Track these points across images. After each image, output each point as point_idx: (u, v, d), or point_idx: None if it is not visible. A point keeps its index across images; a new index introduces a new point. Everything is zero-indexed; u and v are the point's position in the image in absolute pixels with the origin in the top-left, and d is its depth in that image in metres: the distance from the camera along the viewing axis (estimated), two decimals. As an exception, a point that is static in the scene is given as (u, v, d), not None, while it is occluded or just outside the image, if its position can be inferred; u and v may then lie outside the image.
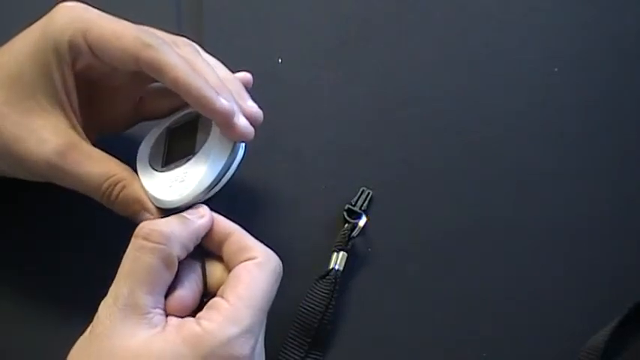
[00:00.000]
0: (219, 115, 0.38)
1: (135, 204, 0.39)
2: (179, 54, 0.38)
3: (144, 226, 0.36)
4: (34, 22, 0.39)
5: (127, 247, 0.35)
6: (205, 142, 0.39)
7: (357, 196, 0.47)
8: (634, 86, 0.54)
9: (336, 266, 0.44)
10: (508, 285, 0.46)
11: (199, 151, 0.39)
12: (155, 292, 0.35)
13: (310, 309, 0.43)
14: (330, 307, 0.43)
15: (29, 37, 0.39)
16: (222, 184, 0.39)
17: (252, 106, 0.41)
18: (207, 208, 0.38)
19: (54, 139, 0.38)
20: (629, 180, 0.50)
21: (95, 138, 0.41)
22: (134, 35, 0.37)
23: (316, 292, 0.44)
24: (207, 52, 0.43)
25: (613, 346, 0.44)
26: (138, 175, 0.40)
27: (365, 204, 0.47)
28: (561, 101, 0.53)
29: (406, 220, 0.48)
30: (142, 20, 0.40)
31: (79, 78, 0.39)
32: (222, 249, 0.38)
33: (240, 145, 0.40)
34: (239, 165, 0.40)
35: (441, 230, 0.48)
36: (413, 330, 0.45)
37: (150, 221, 0.36)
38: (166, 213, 0.38)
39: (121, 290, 0.34)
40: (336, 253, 0.45)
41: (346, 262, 0.45)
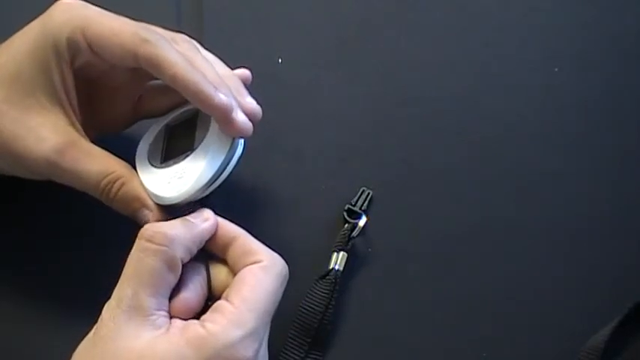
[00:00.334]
0: (217, 111, 0.38)
1: (134, 201, 0.39)
2: (178, 50, 0.38)
3: (148, 228, 0.36)
4: (32, 19, 0.39)
5: (126, 247, 0.35)
6: (204, 138, 0.39)
7: (357, 196, 0.47)
8: (634, 86, 0.54)
9: (336, 266, 0.44)
10: (508, 285, 0.46)
11: (198, 148, 0.39)
12: (159, 294, 0.35)
13: (310, 309, 0.43)
14: (330, 307, 0.43)
15: (28, 34, 0.39)
16: (221, 180, 0.39)
17: (250, 102, 0.41)
18: (211, 212, 0.38)
19: (53, 136, 0.38)
20: (629, 180, 0.50)
21: (94, 136, 0.41)
22: (132, 31, 0.37)
23: (316, 292, 0.44)
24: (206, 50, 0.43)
25: (613, 346, 0.44)
26: (137, 172, 0.40)
27: (365, 204, 0.47)
28: (561, 101, 0.53)
29: (406, 220, 0.48)
30: (141, 21, 0.39)
31: (78, 76, 0.39)
32: (227, 253, 0.38)
33: (239, 141, 0.40)
34: (238, 161, 0.40)
35: (441, 230, 0.48)
36: (413, 330, 0.45)
37: (154, 223, 0.36)
38: (166, 209, 0.38)
39: (125, 292, 0.34)
40: (336, 253, 0.45)
41: (346, 262, 0.45)
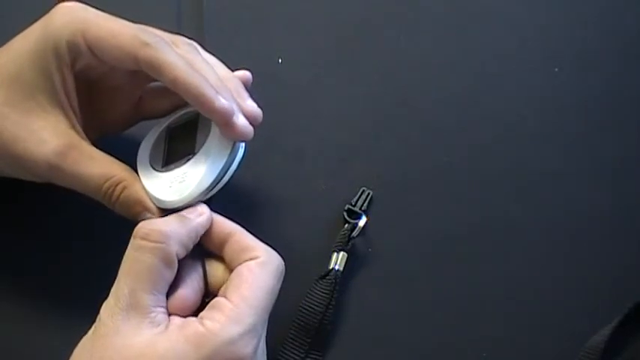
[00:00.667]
0: (218, 115, 0.37)
1: (136, 205, 0.39)
2: (178, 53, 0.38)
3: (142, 226, 0.36)
4: (33, 22, 0.39)
5: (126, 247, 0.35)
6: (205, 141, 0.39)
7: (357, 196, 0.47)
8: (634, 86, 0.54)
9: (336, 266, 0.44)
10: (508, 285, 0.46)
11: (199, 151, 0.39)
12: (156, 291, 0.35)
13: (310, 309, 0.43)
14: (330, 307, 0.43)
15: (28, 37, 0.39)
16: (222, 183, 0.39)
17: (251, 105, 0.40)
18: (206, 206, 0.38)
19: (54, 139, 0.38)
20: (629, 180, 0.50)
21: (95, 138, 0.41)
22: (133, 34, 0.37)
23: (316, 292, 0.44)
24: (207, 51, 0.43)
25: (613, 346, 0.44)
26: (138, 175, 0.40)
27: (365, 204, 0.47)
28: (561, 101, 0.53)
29: (406, 220, 0.48)
30: (142, 21, 0.39)
31: (78, 78, 0.39)
32: (223, 249, 0.38)
33: (240, 145, 0.40)
34: (239, 165, 0.40)
35: (441, 230, 0.48)
36: (413, 330, 0.45)
37: (148, 221, 0.36)
38: (167, 213, 0.38)
39: (122, 290, 0.34)
40: (336, 253, 0.45)
41: (346, 262, 0.45)
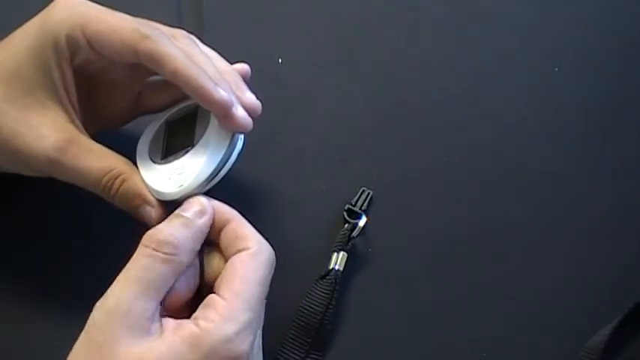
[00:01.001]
0: (217, 106, 0.38)
1: (136, 198, 0.39)
2: (177, 46, 0.38)
3: (153, 234, 0.35)
4: (32, 17, 0.39)
5: (126, 247, 0.35)
6: (204, 133, 0.39)
7: (357, 196, 0.47)
8: (634, 86, 0.54)
9: (336, 266, 0.44)
10: (508, 285, 0.46)
11: (198, 143, 0.39)
12: (159, 299, 0.35)
13: (310, 309, 0.43)
14: (330, 307, 0.43)
15: (27, 32, 0.39)
16: (221, 175, 0.39)
17: (250, 97, 0.41)
18: (207, 201, 0.38)
19: (53, 134, 0.38)
20: (629, 180, 0.50)
21: (94, 133, 0.41)
22: (132, 27, 0.37)
23: (316, 292, 0.44)
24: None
25: (613, 346, 0.44)
26: (137, 169, 0.40)
27: (365, 204, 0.47)
28: (561, 101, 0.53)
29: (406, 220, 0.48)
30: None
31: (77, 73, 0.39)
32: (219, 236, 0.38)
33: (239, 137, 0.40)
34: (238, 156, 0.40)
35: (441, 230, 0.48)
36: (413, 330, 0.45)
37: (160, 229, 0.36)
38: (167, 205, 0.38)
39: (124, 296, 0.34)
40: (336, 253, 0.45)
41: (346, 262, 0.45)
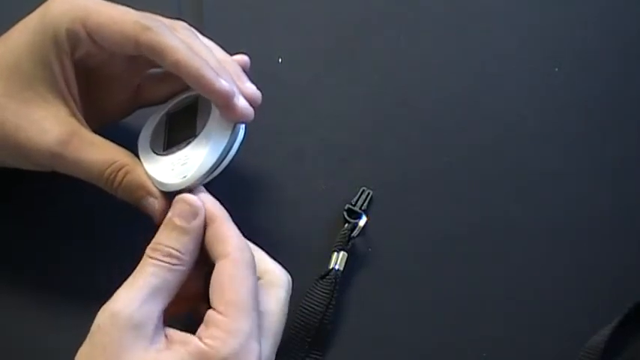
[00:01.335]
0: (219, 96, 0.38)
1: (139, 189, 0.39)
2: (178, 37, 0.38)
3: (160, 243, 0.35)
4: (31, 11, 0.39)
5: (126, 247, 0.35)
6: (206, 124, 0.39)
7: (357, 196, 0.47)
8: (634, 86, 0.54)
9: (336, 266, 0.44)
10: (508, 285, 0.46)
11: (200, 134, 0.39)
12: (164, 304, 0.35)
13: (310, 309, 0.43)
14: (330, 307, 0.43)
15: (27, 26, 0.39)
16: (224, 165, 0.39)
17: (250, 87, 0.41)
18: (198, 202, 0.37)
19: (55, 128, 0.38)
20: (629, 180, 0.50)
21: (95, 126, 0.41)
22: (133, 20, 0.37)
23: (316, 292, 0.44)
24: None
25: (613, 346, 0.44)
26: (140, 161, 0.40)
27: (365, 204, 0.47)
28: (561, 101, 0.53)
29: (406, 220, 0.48)
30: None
31: (77, 67, 0.39)
32: (205, 234, 0.37)
33: (241, 127, 0.40)
34: (240, 147, 0.40)
35: (441, 230, 0.48)
36: (413, 330, 0.45)
37: (166, 239, 0.36)
38: (170, 196, 0.38)
39: (130, 299, 0.33)
40: (336, 253, 0.45)
41: (346, 262, 0.45)
